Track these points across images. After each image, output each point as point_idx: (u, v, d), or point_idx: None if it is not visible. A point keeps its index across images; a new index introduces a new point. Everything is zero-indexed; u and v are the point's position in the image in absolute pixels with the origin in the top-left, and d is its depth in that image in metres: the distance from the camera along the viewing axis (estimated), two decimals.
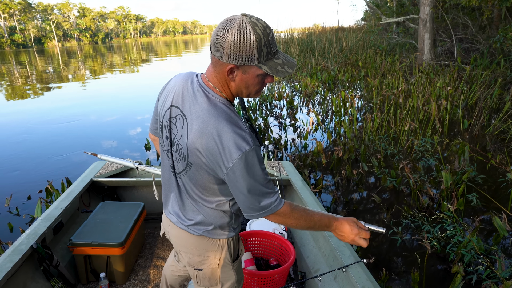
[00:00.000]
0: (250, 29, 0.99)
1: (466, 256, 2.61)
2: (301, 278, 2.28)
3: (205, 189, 1.21)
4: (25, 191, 4.29)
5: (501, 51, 9.07)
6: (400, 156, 4.80)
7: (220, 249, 1.32)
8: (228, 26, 1.00)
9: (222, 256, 1.33)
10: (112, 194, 3.13)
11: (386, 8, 15.87)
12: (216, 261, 1.33)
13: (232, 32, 0.99)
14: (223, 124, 1.06)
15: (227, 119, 1.07)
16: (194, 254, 1.33)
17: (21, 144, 6.40)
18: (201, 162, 1.12)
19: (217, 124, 1.06)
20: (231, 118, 1.09)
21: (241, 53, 1.01)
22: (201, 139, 1.08)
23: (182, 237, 1.33)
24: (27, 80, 15.83)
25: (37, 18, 78.11)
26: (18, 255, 1.96)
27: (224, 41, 1.00)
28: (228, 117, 1.08)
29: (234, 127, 1.06)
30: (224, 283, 1.39)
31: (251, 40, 0.99)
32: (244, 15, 1.02)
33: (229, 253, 1.34)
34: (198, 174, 1.17)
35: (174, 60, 25.41)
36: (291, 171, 3.11)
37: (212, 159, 1.09)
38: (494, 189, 3.88)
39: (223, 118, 1.07)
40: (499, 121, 5.75)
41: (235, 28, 0.99)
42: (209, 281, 1.38)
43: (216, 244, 1.31)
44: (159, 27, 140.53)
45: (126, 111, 8.80)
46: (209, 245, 1.30)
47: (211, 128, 1.06)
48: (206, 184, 1.19)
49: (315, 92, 8.99)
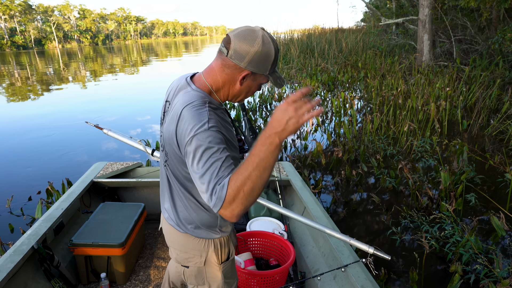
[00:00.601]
0: (271, 43, 1.12)
1: (465, 256, 2.62)
2: (300, 278, 2.29)
3: (184, 181, 1.23)
4: (25, 192, 4.31)
5: (500, 52, 9.10)
6: (399, 156, 4.82)
7: (206, 248, 1.32)
8: (253, 37, 1.10)
9: (208, 256, 1.33)
10: (113, 195, 3.14)
11: (386, 9, 15.89)
12: (201, 260, 1.34)
13: (258, 42, 1.10)
14: (186, 108, 1.10)
15: (191, 104, 1.11)
16: (182, 251, 1.35)
17: (22, 145, 6.41)
18: (172, 149, 1.17)
19: (181, 110, 1.11)
20: (194, 102, 1.12)
21: (260, 62, 1.12)
22: (170, 125, 1.14)
23: (171, 233, 1.36)
24: (27, 81, 15.85)
25: (38, 20, 78.16)
26: (19, 255, 1.97)
27: (249, 50, 1.10)
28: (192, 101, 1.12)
29: (194, 110, 1.09)
30: (211, 284, 1.39)
31: (271, 53, 1.12)
32: (263, 29, 1.13)
33: (215, 254, 1.34)
34: (174, 165, 1.21)
35: (175, 62, 25.44)
36: (291, 172, 3.12)
37: (176, 143, 1.13)
38: (492, 189, 3.90)
39: (187, 102, 1.12)
40: (497, 122, 5.77)
41: (260, 39, 1.10)
42: (196, 279, 1.39)
43: (201, 244, 1.32)
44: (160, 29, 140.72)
45: (126, 112, 8.82)
46: (195, 244, 1.32)
47: (176, 114, 1.12)
48: (183, 175, 1.21)
49: (315, 93, 9.01)
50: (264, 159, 0.94)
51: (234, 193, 0.94)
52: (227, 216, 0.97)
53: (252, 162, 0.94)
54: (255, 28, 1.12)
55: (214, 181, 0.97)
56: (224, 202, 0.95)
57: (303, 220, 1.71)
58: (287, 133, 0.94)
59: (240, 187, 0.93)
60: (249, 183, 0.93)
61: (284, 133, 0.94)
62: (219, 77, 1.17)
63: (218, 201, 0.95)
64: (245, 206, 0.96)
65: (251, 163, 0.94)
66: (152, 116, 8.22)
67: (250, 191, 0.94)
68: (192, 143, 1.03)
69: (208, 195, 0.98)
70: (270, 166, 0.95)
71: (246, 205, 0.96)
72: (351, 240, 1.67)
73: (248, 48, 1.09)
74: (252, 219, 2.75)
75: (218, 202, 0.95)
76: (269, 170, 0.95)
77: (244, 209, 0.96)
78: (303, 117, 0.93)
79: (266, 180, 0.96)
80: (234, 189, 0.94)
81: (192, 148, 1.03)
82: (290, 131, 0.94)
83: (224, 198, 0.94)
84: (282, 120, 0.93)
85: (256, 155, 0.94)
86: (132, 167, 3.33)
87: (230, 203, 0.94)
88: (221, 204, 0.95)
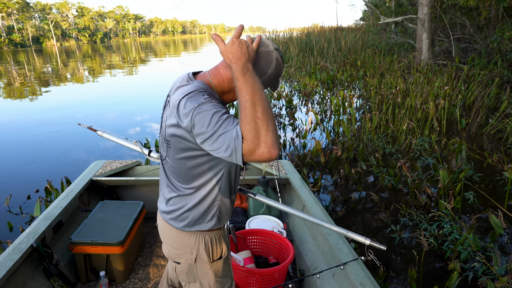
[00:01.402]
0: (282, 64, 1.21)
1: (463, 254, 2.64)
2: (300, 276, 2.30)
3: (185, 173, 1.22)
4: (24, 190, 4.30)
5: (498, 51, 9.11)
6: (398, 155, 4.82)
7: (196, 245, 1.32)
8: (269, 59, 1.17)
9: (198, 253, 1.34)
10: (112, 193, 3.14)
11: (385, 8, 15.89)
12: (192, 257, 1.34)
13: (273, 66, 1.18)
14: (185, 97, 1.10)
15: (189, 93, 1.11)
16: (173, 247, 1.36)
17: (20, 144, 6.40)
18: (176, 140, 1.15)
19: (180, 99, 1.11)
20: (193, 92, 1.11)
21: (271, 82, 1.22)
22: (170, 117, 1.15)
23: (164, 228, 1.37)
24: (25, 79, 15.81)
25: (35, 18, 77.90)
26: (18, 254, 1.97)
27: (265, 72, 1.18)
28: (191, 91, 1.12)
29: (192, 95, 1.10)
30: (203, 282, 1.39)
31: (281, 73, 1.23)
32: (276, 49, 1.19)
33: (206, 251, 1.34)
34: (175, 158, 1.20)
35: (173, 60, 25.40)
36: (290, 170, 3.13)
37: (180, 132, 1.11)
38: (491, 187, 3.91)
39: (186, 93, 1.12)
40: (496, 120, 5.78)
41: (275, 62, 1.18)
42: (187, 276, 1.39)
43: (192, 240, 1.32)
44: (158, 27, 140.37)
45: (125, 111, 8.80)
46: (186, 240, 1.32)
47: (175, 105, 1.12)
48: (185, 166, 1.20)
49: (314, 91, 9.01)
50: (253, 83, 1.02)
51: (251, 126, 0.96)
52: (264, 152, 0.95)
53: (246, 93, 1.00)
54: (269, 49, 1.17)
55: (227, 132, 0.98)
56: (246, 142, 0.95)
57: (300, 214, 1.73)
58: (250, 55, 1.07)
59: (253, 116, 0.96)
60: (257, 108, 0.97)
61: (249, 57, 1.07)
62: (226, 85, 1.20)
63: (237, 145, 0.96)
64: (273, 131, 0.97)
65: (246, 94, 1.00)
66: (151, 115, 8.21)
67: (264, 114, 0.97)
68: (197, 113, 1.03)
69: (225, 148, 0.98)
70: (261, 87, 1.03)
71: (273, 130, 0.97)
72: (348, 233, 1.69)
73: (264, 70, 1.17)
74: (251, 217, 2.75)
75: (237, 146, 0.96)
76: (262, 90, 1.02)
77: (273, 134, 0.96)
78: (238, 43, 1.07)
79: (267, 99, 1.01)
80: (249, 121, 0.96)
81: (198, 118, 1.03)
82: (249, 53, 1.07)
83: (242, 138, 0.96)
84: (240, 49, 1.06)
85: (244, 85, 1.01)
86: (131, 166, 3.33)
87: (255, 137, 0.95)
88: (241, 147, 0.96)
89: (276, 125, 1.01)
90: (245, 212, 2.97)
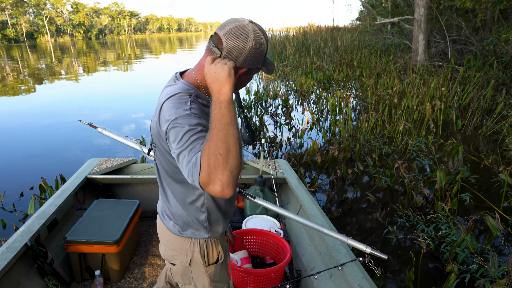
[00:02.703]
0: (262, 35, 1.11)
1: (460, 255, 2.64)
2: (297, 276, 2.29)
3: (172, 175, 1.22)
4: (18, 187, 4.25)
5: (494, 53, 9.17)
6: (394, 155, 4.83)
7: (191, 249, 1.31)
8: (245, 33, 1.08)
9: (193, 257, 1.32)
10: (107, 191, 3.11)
11: (381, 9, 15.95)
12: (187, 259, 1.33)
13: (251, 39, 1.08)
14: (169, 99, 1.09)
15: (174, 95, 1.10)
16: (169, 248, 1.35)
17: (14, 141, 6.32)
18: (158, 142, 1.16)
19: (164, 101, 1.10)
20: (178, 94, 1.10)
21: (255, 58, 1.12)
22: (154, 118, 1.14)
23: (161, 228, 1.37)
24: (19, 75, 15.64)
25: (30, 13, 77.05)
26: (12, 252, 1.94)
27: (243, 48, 1.08)
28: (175, 93, 1.11)
29: (175, 99, 1.09)
30: (197, 285, 1.38)
31: (264, 46, 1.12)
32: (251, 22, 1.11)
33: (201, 255, 1.32)
34: (162, 158, 1.21)
35: (169, 58, 25.28)
36: (287, 170, 3.11)
37: (161, 135, 1.10)
38: (486, 189, 3.93)
39: (171, 94, 1.11)
40: (491, 122, 5.81)
41: (252, 35, 1.08)
42: (182, 278, 1.38)
43: (187, 243, 1.30)
44: (154, 24, 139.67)
45: (120, 108, 8.74)
46: (181, 242, 1.31)
47: (159, 106, 1.12)
48: (171, 169, 1.20)
49: (310, 91, 9.01)
50: (224, 116, 0.95)
51: (210, 160, 0.89)
52: (217, 190, 0.89)
53: (214, 127, 0.94)
54: (243, 23, 1.09)
55: (190, 156, 0.95)
56: (202, 173, 0.90)
57: (300, 220, 1.70)
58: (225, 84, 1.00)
59: (215, 151, 0.90)
60: (221, 144, 0.91)
61: (223, 86, 1.00)
62: None
63: (195, 172, 0.91)
64: (231, 171, 0.90)
65: (213, 128, 0.94)
66: (145, 113, 8.15)
67: (226, 152, 0.90)
68: (172, 127, 1.02)
69: (186, 171, 0.95)
70: (232, 121, 0.95)
71: (231, 170, 0.90)
72: (349, 240, 1.67)
73: (242, 47, 1.07)
74: (248, 217, 2.74)
75: (195, 174, 0.91)
76: (233, 126, 0.95)
77: (231, 175, 0.90)
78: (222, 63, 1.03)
79: (236, 136, 0.94)
80: (209, 155, 0.90)
81: (172, 132, 1.01)
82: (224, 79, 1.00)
83: (200, 168, 0.90)
84: (212, 80, 1.01)
85: (214, 120, 0.95)
86: (127, 164, 3.30)
87: (212, 173, 0.89)
88: (198, 176, 0.90)
89: (239, 164, 0.93)
90: (242, 211, 2.95)
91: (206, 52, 1.15)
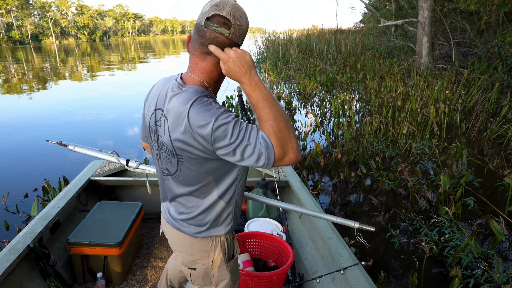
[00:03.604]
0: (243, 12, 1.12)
1: (464, 260, 2.62)
2: (299, 280, 2.28)
3: (198, 181, 1.19)
4: (21, 189, 4.26)
5: (499, 56, 9.12)
6: (398, 159, 4.81)
7: (213, 248, 1.31)
8: (243, 13, 1.10)
9: (215, 256, 1.32)
10: (110, 193, 3.11)
11: (385, 11, 15.92)
12: (209, 260, 1.33)
13: (247, 18, 1.11)
14: (192, 106, 1.06)
15: (195, 101, 1.07)
16: (188, 254, 1.34)
17: (17, 142, 6.35)
18: (188, 148, 1.10)
19: (188, 109, 1.06)
20: (198, 99, 1.07)
21: (243, 32, 1.12)
22: (176, 130, 1.10)
23: (175, 236, 1.34)
24: (23, 76, 15.74)
25: (35, 15, 77.60)
26: (15, 254, 1.94)
27: (245, 27, 1.11)
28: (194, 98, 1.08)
29: (200, 104, 1.06)
30: (219, 283, 1.38)
31: (247, 22, 1.13)
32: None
33: (223, 253, 1.33)
34: (190, 165, 1.15)
35: (172, 59, 25.36)
36: (290, 173, 3.11)
37: (192, 143, 1.08)
38: (491, 193, 3.90)
39: (191, 101, 1.07)
40: (496, 125, 5.78)
41: (243, 11, 1.10)
42: (203, 280, 1.38)
43: (209, 244, 1.30)
44: (158, 26, 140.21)
45: (124, 109, 8.77)
46: (202, 245, 1.30)
47: (182, 116, 1.07)
48: (200, 174, 1.16)
49: (314, 93, 9.00)
50: (267, 96, 1.03)
51: (278, 136, 1.00)
52: (292, 157, 1.01)
53: (263, 107, 1.02)
54: (234, 2, 1.09)
55: (253, 141, 1.00)
56: (277, 149, 0.99)
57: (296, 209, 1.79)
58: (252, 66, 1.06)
59: (279, 126, 1.00)
60: (280, 119, 1.01)
61: (252, 69, 1.05)
62: (205, 66, 1.14)
63: (270, 153, 0.99)
64: (295, 137, 1.03)
65: (264, 108, 1.02)
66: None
67: (286, 123, 1.02)
68: (217, 127, 1.01)
69: (255, 157, 1.00)
70: (274, 97, 1.05)
71: (295, 136, 1.03)
72: (337, 219, 1.77)
73: (245, 25, 1.11)
74: (250, 219, 2.73)
75: (270, 154, 0.99)
76: (275, 99, 1.05)
77: (296, 140, 1.02)
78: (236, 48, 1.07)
79: (282, 108, 1.05)
80: (276, 132, 1.00)
81: (220, 131, 1.01)
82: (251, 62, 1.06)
83: (273, 146, 0.99)
84: (239, 65, 1.04)
85: (259, 101, 1.03)
86: None
87: (284, 145, 1.00)
88: (273, 154, 0.99)
89: (295, 136, 1.04)
90: (244, 214, 2.95)
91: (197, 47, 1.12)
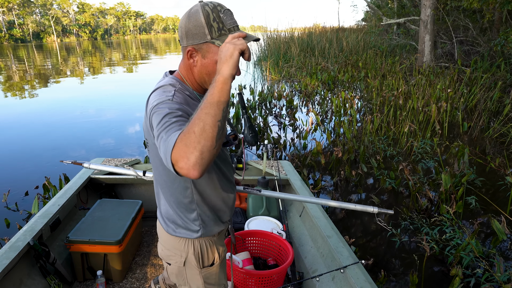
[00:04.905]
0: (199, 8, 1.06)
1: (465, 259, 2.60)
2: (299, 279, 2.27)
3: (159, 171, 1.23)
4: (22, 186, 4.27)
5: (502, 54, 9.07)
6: (399, 157, 4.79)
7: (185, 249, 1.30)
8: (185, 12, 1.11)
9: (188, 257, 1.32)
10: (110, 191, 3.11)
11: (387, 9, 15.86)
12: (181, 260, 1.32)
13: (186, 15, 1.09)
14: (154, 92, 1.11)
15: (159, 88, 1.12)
16: (165, 247, 1.36)
17: (18, 139, 6.36)
18: (146, 130, 1.16)
19: (150, 95, 1.12)
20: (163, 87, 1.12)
21: (193, 31, 1.07)
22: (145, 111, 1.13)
23: (159, 228, 1.38)
24: (25, 74, 15.76)
25: (36, 13, 77.67)
26: (15, 251, 1.95)
27: (182, 25, 1.10)
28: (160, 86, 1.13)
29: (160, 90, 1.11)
30: (192, 286, 1.37)
31: (200, 17, 1.06)
32: (200, 1, 1.09)
33: (194, 257, 1.31)
34: (151, 151, 1.21)
35: (174, 57, 25.35)
36: (290, 171, 3.10)
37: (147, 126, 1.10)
38: (493, 192, 3.88)
39: (156, 87, 1.13)
40: (498, 124, 5.75)
41: (187, 11, 1.09)
42: (177, 278, 1.39)
43: (181, 244, 1.30)
44: (159, 24, 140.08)
45: (125, 108, 8.77)
46: (176, 243, 1.31)
47: (148, 98, 1.13)
48: (155, 162, 1.22)
49: (315, 92, 8.98)
50: (210, 95, 0.87)
51: (184, 137, 0.83)
52: (183, 168, 0.83)
53: (198, 107, 0.88)
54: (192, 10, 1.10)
55: (167, 135, 0.90)
56: (174, 150, 0.83)
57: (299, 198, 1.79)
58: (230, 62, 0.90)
59: (190, 129, 0.84)
60: (197, 122, 0.84)
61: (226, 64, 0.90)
62: (183, 66, 1.18)
63: (168, 150, 0.85)
64: (201, 152, 0.82)
65: (198, 108, 0.88)
66: None
67: (200, 131, 0.82)
68: (154, 112, 1.01)
69: (162, 152, 0.89)
70: (217, 100, 0.86)
71: (202, 151, 0.82)
72: (356, 206, 1.80)
73: (181, 25, 1.10)
74: (250, 218, 2.72)
75: (167, 151, 0.85)
76: (216, 106, 0.86)
77: (200, 156, 0.82)
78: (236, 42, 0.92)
79: (216, 117, 0.85)
80: (184, 132, 0.84)
81: (154, 117, 0.99)
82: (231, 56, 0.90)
83: (173, 146, 0.84)
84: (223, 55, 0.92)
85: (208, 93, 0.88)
86: (130, 164, 3.30)
87: (182, 150, 0.83)
88: (170, 153, 0.84)
89: (213, 147, 0.85)
90: (244, 212, 2.94)
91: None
